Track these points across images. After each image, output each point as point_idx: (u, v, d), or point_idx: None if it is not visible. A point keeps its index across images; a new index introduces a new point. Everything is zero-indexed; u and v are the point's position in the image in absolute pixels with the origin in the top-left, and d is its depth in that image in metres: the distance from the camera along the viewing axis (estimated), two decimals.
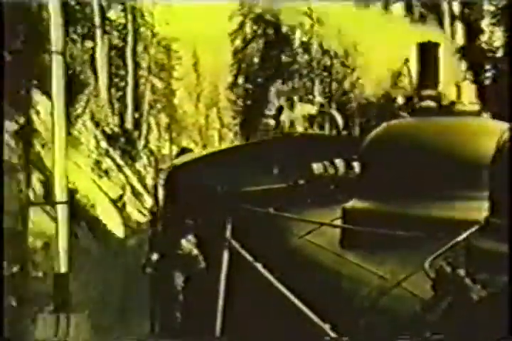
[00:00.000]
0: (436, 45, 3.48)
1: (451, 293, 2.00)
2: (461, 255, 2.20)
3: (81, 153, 17.50)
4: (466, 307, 1.90)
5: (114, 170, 18.84)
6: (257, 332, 4.08)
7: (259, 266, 3.97)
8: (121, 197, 17.03)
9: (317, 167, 4.00)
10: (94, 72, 24.22)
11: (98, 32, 26.87)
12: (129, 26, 30.44)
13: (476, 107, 3.31)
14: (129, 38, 30.47)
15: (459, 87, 3.28)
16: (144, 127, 29.16)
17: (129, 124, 25.22)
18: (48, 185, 13.73)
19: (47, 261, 11.97)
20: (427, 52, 3.48)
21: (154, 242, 6.71)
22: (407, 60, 3.85)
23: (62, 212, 11.60)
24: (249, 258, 4.22)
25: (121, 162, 19.66)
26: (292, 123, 7.31)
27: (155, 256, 6.22)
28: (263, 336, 3.90)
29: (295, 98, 7.55)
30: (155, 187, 8.34)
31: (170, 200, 6.92)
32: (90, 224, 14.95)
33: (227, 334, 4.76)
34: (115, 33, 30.37)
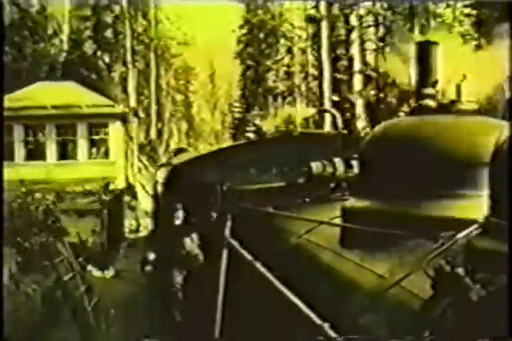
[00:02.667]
0: (435, 44, 3.47)
1: (450, 292, 2.00)
2: (461, 254, 2.20)
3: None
4: (465, 306, 1.90)
5: (142, 169, 25.78)
6: (256, 331, 4.08)
7: (258, 264, 3.97)
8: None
9: (316, 166, 4.00)
10: (125, 91, 31.29)
11: (129, 58, 33.00)
12: (152, 55, 37.27)
13: (476, 106, 3.31)
14: (152, 63, 37.49)
15: (458, 86, 3.27)
16: (165, 135, 38.03)
17: (153, 135, 34.32)
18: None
19: None
20: (427, 51, 3.48)
21: (152, 241, 6.71)
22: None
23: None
24: (249, 257, 4.21)
25: (147, 163, 26.98)
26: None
27: (152, 256, 6.22)
28: (262, 335, 3.90)
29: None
30: (154, 185, 8.34)
31: (169, 199, 6.91)
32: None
33: (226, 334, 4.76)
34: (141, 60, 35.57)
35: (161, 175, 7.88)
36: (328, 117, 23.88)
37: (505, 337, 1.75)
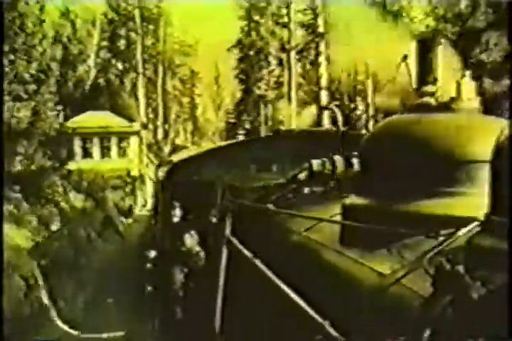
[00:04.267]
0: (435, 42, 3.47)
1: (450, 290, 2.00)
2: (461, 252, 2.20)
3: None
4: (465, 304, 1.90)
5: (149, 163, 32.56)
6: (256, 328, 4.08)
7: (258, 262, 3.97)
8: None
9: (316, 163, 3.99)
10: (135, 96, 39.10)
11: (140, 66, 39.51)
12: (160, 65, 42.95)
13: (476, 104, 3.31)
14: (160, 69, 43.31)
15: (458, 84, 3.27)
16: (171, 134, 44.33)
17: (159, 135, 41.40)
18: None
19: None
20: (426, 49, 3.47)
21: (153, 239, 6.71)
22: (405, 57, 3.84)
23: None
24: (249, 254, 4.21)
25: (153, 159, 33.07)
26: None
27: (153, 253, 6.22)
28: (262, 332, 3.90)
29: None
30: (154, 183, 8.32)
31: (169, 196, 6.91)
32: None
33: (226, 331, 4.77)
34: (150, 67, 42.98)
35: (161, 173, 7.89)
36: (326, 117, 24.59)
37: (506, 337, 1.75)
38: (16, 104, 18.10)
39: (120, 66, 42.32)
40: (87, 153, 30.71)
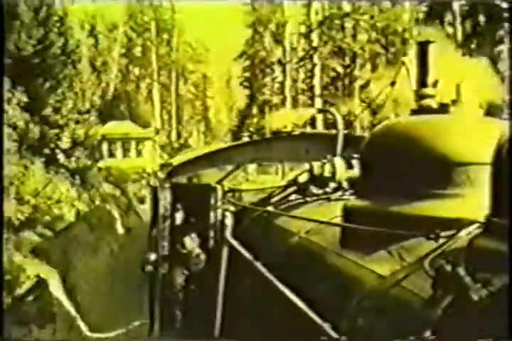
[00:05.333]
0: (436, 44, 3.48)
1: (451, 292, 2.00)
2: (461, 254, 2.20)
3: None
4: (466, 306, 1.90)
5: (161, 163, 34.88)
6: (256, 331, 4.08)
7: (258, 264, 3.97)
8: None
9: (316, 166, 3.99)
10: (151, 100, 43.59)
11: (155, 74, 43.54)
12: (173, 72, 46.76)
13: (476, 106, 3.31)
14: (173, 75, 47.05)
15: (458, 86, 3.28)
16: (184, 134, 47.97)
17: (173, 136, 45.47)
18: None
19: None
20: (427, 51, 3.48)
21: (153, 241, 6.70)
22: (403, 63, 3.87)
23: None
24: (249, 257, 4.21)
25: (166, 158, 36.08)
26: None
27: (153, 256, 6.21)
28: (262, 335, 3.90)
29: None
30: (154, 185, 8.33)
31: (169, 199, 6.90)
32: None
33: (226, 334, 4.76)
34: (165, 73, 46.94)
35: (161, 175, 7.88)
36: (321, 118, 25.16)
37: (506, 337, 1.75)
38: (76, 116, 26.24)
39: (137, 71, 46.37)
40: (112, 154, 38.90)
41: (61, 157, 24.28)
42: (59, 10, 26.81)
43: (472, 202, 2.73)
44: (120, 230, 24.73)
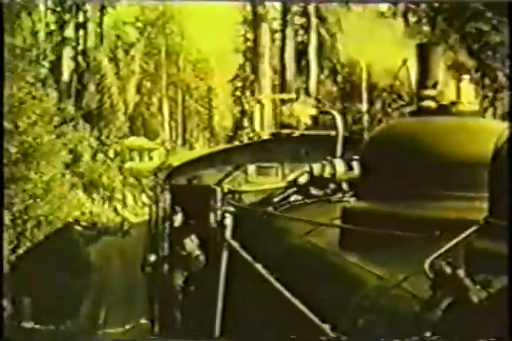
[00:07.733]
0: (435, 45, 3.48)
1: (450, 293, 1.99)
2: (461, 255, 2.20)
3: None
4: (465, 307, 1.90)
5: None
6: (256, 332, 4.08)
7: (258, 266, 3.97)
8: None
9: (317, 167, 3.99)
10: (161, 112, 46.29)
11: (164, 84, 45.94)
12: (179, 90, 48.64)
13: (476, 107, 3.31)
14: (180, 92, 47.49)
15: (458, 87, 3.28)
16: (191, 140, 48.63)
17: (179, 142, 45.94)
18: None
19: None
20: (427, 52, 3.48)
21: (152, 242, 6.70)
22: (405, 61, 3.86)
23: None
24: (249, 258, 4.21)
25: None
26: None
27: (153, 257, 6.20)
28: (262, 336, 3.90)
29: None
30: (154, 186, 8.33)
31: (168, 201, 6.90)
32: None
33: (226, 335, 4.76)
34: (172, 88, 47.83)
35: (161, 176, 7.87)
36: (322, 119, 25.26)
37: (506, 339, 1.75)
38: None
39: (149, 85, 50.24)
40: (131, 159, 43.87)
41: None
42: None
43: (472, 203, 2.73)
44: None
